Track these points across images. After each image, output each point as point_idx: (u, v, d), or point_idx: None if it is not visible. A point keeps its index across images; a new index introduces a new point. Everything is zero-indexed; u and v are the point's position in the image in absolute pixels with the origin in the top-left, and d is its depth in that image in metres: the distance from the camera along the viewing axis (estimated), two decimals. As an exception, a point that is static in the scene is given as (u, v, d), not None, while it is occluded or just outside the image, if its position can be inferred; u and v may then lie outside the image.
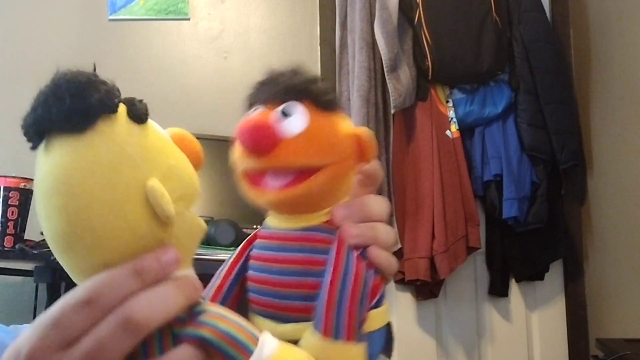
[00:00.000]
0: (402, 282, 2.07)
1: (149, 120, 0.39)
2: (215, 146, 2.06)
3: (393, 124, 2.10)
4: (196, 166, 0.42)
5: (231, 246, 1.56)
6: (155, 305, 0.34)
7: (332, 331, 0.43)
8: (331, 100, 0.47)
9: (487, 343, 2.19)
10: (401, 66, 2.03)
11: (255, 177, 0.47)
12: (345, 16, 2.14)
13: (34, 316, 1.78)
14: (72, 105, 0.35)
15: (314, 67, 2.23)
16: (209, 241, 1.61)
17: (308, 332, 0.44)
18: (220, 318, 0.37)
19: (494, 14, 2.12)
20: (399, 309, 2.14)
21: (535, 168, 2.12)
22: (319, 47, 2.24)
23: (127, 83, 1.80)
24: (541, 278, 2.22)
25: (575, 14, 2.31)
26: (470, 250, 2.06)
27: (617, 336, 1.94)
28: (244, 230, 1.69)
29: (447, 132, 2.11)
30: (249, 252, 0.50)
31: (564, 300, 2.25)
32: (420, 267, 1.97)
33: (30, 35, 2.14)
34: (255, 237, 0.51)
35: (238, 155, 0.48)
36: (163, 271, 0.36)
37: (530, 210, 2.09)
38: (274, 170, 0.46)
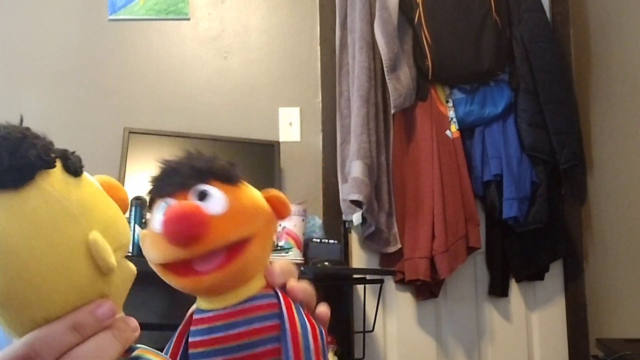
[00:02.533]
0: (402, 282, 2.07)
1: (84, 175, 0.39)
2: (215, 146, 2.06)
3: (393, 124, 2.10)
4: (123, 212, 0.42)
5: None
6: (93, 358, 0.35)
7: None
8: (235, 174, 0.49)
9: (487, 343, 2.19)
10: (401, 66, 2.03)
11: (181, 267, 0.47)
12: (345, 16, 2.14)
13: None
14: (10, 163, 0.34)
15: (314, 67, 2.23)
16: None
17: None
18: (154, 354, 0.39)
19: (494, 14, 2.12)
20: (399, 309, 2.14)
21: (535, 168, 2.12)
22: (319, 47, 2.24)
23: (127, 83, 1.82)
24: (541, 278, 2.22)
25: (575, 14, 2.31)
26: (470, 250, 2.06)
27: (617, 336, 1.94)
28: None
29: (447, 132, 2.11)
30: (186, 340, 0.50)
31: (564, 300, 2.25)
32: (420, 267, 1.97)
33: (30, 35, 2.14)
34: (186, 329, 0.51)
35: (156, 248, 0.47)
36: (99, 324, 0.36)
37: (530, 210, 2.09)
38: (204, 254, 0.46)
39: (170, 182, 0.49)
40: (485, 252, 2.21)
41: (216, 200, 0.47)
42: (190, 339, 0.50)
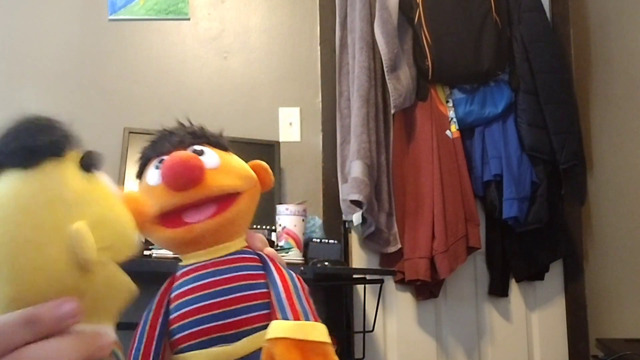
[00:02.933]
0: (402, 282, 2.07)
1: (101, 174, 0.40)
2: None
3: (393, 124, 2.10)
4: (140, 227, 0.42)
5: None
6: (45, 358, 0.33)
7: (302, 315, 0.48)
8: (225, 142, 0.55)
9: (487, 343, 2.19)
10: (401, 66, 2.03)
11: (172, 219, 0.49)
12: (345, 16, 2.14)
13: None
14: (24, 143, 0.36)
15: (314, 67, 2.23)
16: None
17: (277, 322, 0.47)
18: None
19: (494, 14, 2.12)
20: (399, 309, 2.14)
21: (535, 168, 2.11)
22: (319, 47, 2.24)
23: (127, 83, 1.82)
24: (541, 278, 2.22)
25: (575, 14, 2.31)
26: (470, 250, 2.06)
27: (617, 336, 1.94)
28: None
29: (447, 132, 2.11)
30: (167, 301, 0.50)
31: (564, 300, 2.25)
32: (420, 267, 1.97)
33: (30, 35, 2.14)
34: (167, 289, 0.51)
35: (151, 198, 0.49)
36: (58, 323, 0.34)
37: (530, 210, 2.09)
38: (195, 204, 0.49)
39: (169, 141, 0.52)
40: (485, 252, 2.21)
41: (210, 156, 0.51)
42: (173, 294, 0.50)
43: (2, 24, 2.14)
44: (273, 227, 1.83)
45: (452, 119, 2.13)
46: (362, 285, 2.03)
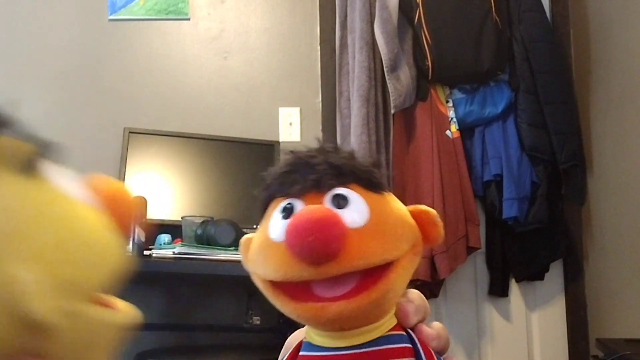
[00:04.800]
0: (402, 282, 2.07)
1: (52, 171, 0.27)
2: (215, 146, 2.06)
3: (393, 124, 2.10)
4: (124, 233, 0.30)
5: (231, 246, 1.56)
6: None
7: None
8: (381, 179, 0.39)
9: (487, 343, 2.19)
10: (401, 66, 2.03)
11: (298, 289, 0.37)
12: (345, 16, 2.14)
13: None
14: None
15: (314, 67, 2.23)
16: (209, 241, 1.61)
17: None
18: None
19: (494, 14, 2.11)
20: (399, 309, 2.14)
21: (535, 168, 2.11)
22: (319, 47, 2.24)
23: (127, 83, 1.82)
24: (541, 278, 2.21)
25: (575, 14, 2.31)
26: (470, 250, 2.06)
27: (617, 336, 1.94)
28: (244, 230, 1.69)
29: (447, 132, 2.11)
30: None
31: (564, 300, 2.24)
32: (420, 267, 1.96)
33: (30, 35, 2.14)
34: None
35: (273, 261, 0.37)
36: None
37: (530, 210, 2.09)
38: (333, 277, 0.36)
39: (302, 177, 0.38)
40: (485, 252, 2.21)
41: (357, 209, 0.37)
42: None
43: (2, 24, 2.14)
44: (273, 227, 1.83)
45: (452, 119, 2.13)
46: (362, 285, 2.02)
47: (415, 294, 0.41)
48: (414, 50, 2.11)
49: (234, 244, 1.55)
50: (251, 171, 2.01)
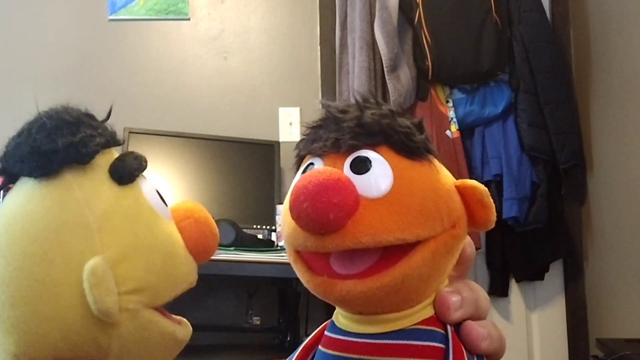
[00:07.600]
0: (402, 282, 2.07)
1: (142, 186, 0.30)
2: (215, 146, 2.06)
3: (393, 124, 2.10)
4: (197, 256, 0.32)
5: (231, 246, 1.56)
6: None
7: None
8: (420, 143, 0.33)
9: (487, 343, 2.19)
10: (401, 66, 2.03)
11: (316, 260, 0.33)
12: (345, 16, 2.14)
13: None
14: (37, 145, 0.28)
15: (314, 67, 2.23)
16: (209, 241, 1.61)
17: None
18: None
19: (494, 14, 2.12)
20: (399, 309, 2.14)
21: (535, 168, 2.11)
22: (319, 47, 2.24)
23: (127, 83, 1.82)
24: (541, 278, 2.21)
25: (575, 14, 2.31)
26: (470, 250, 2.06)
27: (617, 336, 1.94)
28: (244, 230, 1.69)
29: (447, 132, 2.11)
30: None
31: (564, 300, 2.24)
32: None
33: (30, 35, 2.14)
34: (317, 338, 0.36)
35: (288, 227, 0.33)
36: None
37: (530, 210, 2.09)
38: (348, 252, 0.32)
39: (324, 136, 0.34)
40: (485, 252, 2.21)
41: (378, 175, 0.31)
42: None
43: (2, 24, 2.14)
44: (273, 227, 1.83)
45: (452, 119, 2.13)
46: (362, 285, 2.02)
47: (466, 284, 0.35)
48: (414, 50, 2.11)
49: (234, 244, 1.55)
50: (251, 171, 2.01)
